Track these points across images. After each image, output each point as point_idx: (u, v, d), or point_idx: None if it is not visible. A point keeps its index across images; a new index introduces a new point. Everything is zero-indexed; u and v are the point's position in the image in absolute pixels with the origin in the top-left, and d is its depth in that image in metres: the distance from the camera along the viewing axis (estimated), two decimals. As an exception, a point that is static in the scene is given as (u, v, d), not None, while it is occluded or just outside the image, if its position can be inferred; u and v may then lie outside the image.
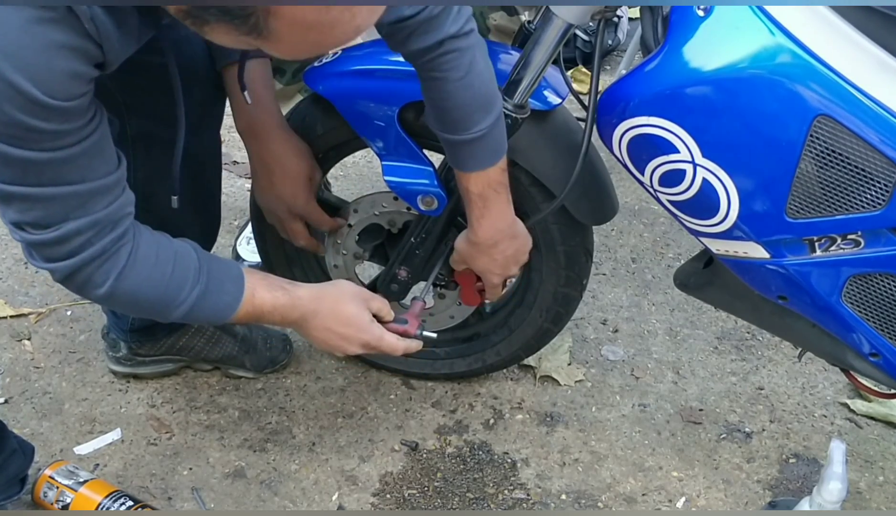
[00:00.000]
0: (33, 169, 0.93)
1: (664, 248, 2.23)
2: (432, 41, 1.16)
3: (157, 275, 1.10)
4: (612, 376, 1.83)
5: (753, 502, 1.56)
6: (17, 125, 0.87)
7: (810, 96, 1.02)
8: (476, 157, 1.28)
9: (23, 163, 0.91)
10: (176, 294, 1.12)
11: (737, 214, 1.15)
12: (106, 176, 1.00)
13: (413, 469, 1.60)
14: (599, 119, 1.22)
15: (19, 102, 0.85)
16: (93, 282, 1.05)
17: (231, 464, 1.60)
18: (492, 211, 1.34)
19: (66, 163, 0.94)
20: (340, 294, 1.30)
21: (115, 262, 1.05)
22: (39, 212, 0.97)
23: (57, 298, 1.97)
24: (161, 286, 1.11)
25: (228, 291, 1.17)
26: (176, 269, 1.12)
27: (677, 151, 1.13)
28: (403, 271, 1.51)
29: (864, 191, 1.05)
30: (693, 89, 1.08)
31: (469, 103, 1.23)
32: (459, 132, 1.25)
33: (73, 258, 1.02)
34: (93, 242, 1.01)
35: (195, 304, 1.14)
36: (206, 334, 1.69)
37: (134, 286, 1.08)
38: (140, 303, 1.12)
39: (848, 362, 1.28)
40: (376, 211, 1.57)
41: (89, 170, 0.97)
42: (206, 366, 1.74)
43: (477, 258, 1.43)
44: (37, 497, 1.45)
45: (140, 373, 1.71)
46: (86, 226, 1.00)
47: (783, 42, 1.02)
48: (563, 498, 1.56)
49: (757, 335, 1.94)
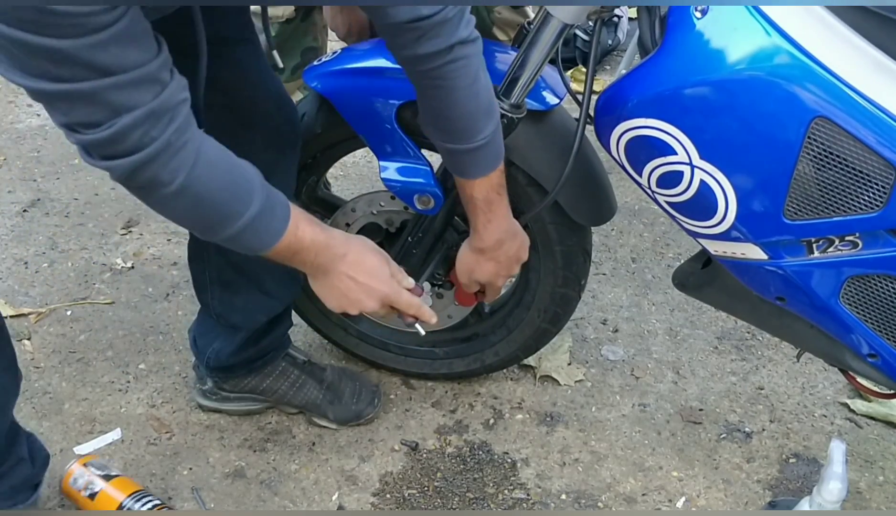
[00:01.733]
0: (64, 61, 0.84)
1: (664, 248, 2.23)
2: (443, 45, 1.11)
3: (227, 179, 1.02)
4: (612, 376, 1.83)
5: (753, 502, 1.56)
6: (29, 7, 0.79)
7: (807, 98, 1.02)
8: (480, 164, 1.26)
9: (48, 52, 0.83)
10: (239, 204, 1.03)
11: (734, 216, 1.14)
12: (147, 63, 0.90)
13: (413, 469, 1.60)
14: (597, 121, 1.22)
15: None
16: (159, 180, 0.96)
17: (231, 464, 1.60)
18: (497, 214, 1.33)
19: (97, 51, 0.85)
20: (364, 243, 1.23)
21: (183, 158, 0.96)
22: (85, 109, 0.89)
23: (57, 298, 1.98)
24: (228, 192, 1.02)
25: (279, 216, 1.08)
26: (240, 177, 1.04)
27: (675, 153, 1.13)
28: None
29: (861, 193, 1.05)
30: (690, 91, 1.08)
31: (475, 111, 1.20)
32: (464, 141, 1.22)
33: (136, 153, 0.92)
34: (154, 135, 0.92)
35: (252, 221, 1.04)
36: (290, 378, 1.65)
37: (203, 187, 0.99)
38: (204, 208, 1.02)
39: (846, 363, 1.27)
40: (374, 210, 1.57)
41: (124, 58, 0.87)
42: (291, 409, 1.69)
43: (483, 265, 1.41)
44: (65, 485, 1.46)
45: (225, 408, 1.68)
46: (141, 119, 0.91)
47: (780, 43, 1.02)
48: (563, 498, 1.56)
49: (757, 335, 1.94)
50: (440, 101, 1.19)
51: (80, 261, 2.12)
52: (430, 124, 1.25)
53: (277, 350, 1.64)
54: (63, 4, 0.79)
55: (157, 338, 1.89)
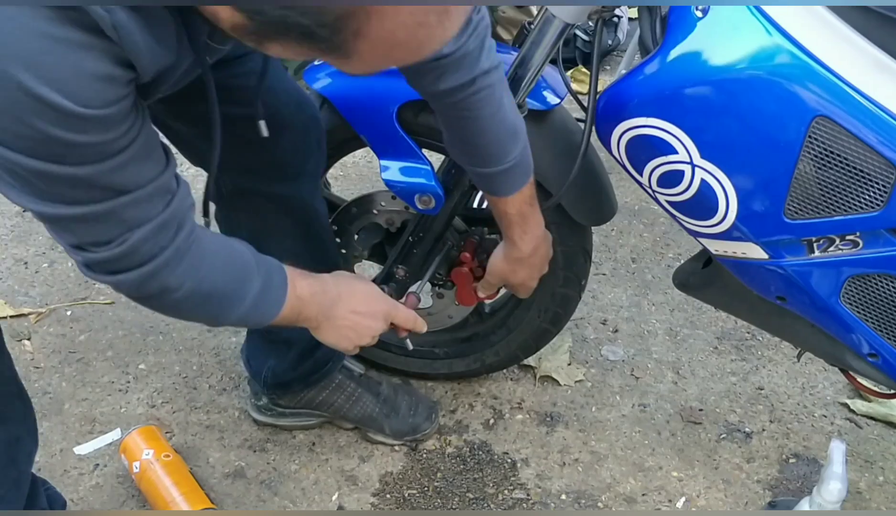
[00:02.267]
0: (82, 185, 0.82)
1: (664, 248, 2.23)
2: (466, 78, 1.12)
3: (228, 268, 1.01)
4: (612, 376, 1.83)
5: (753, 502, 1.56)
6: (54, 141, 0.76)
7: (808, 97, 1.02)
8: (511, 183, 1.27)
9: (69, 180, 0.81)
10: (242, 288, 1.03)
11: (735, 215, 1.14)
12: (159, 176, 0.89)
13: (413, 469, 1.60)
14: (598, 120, 1.22)
15: (51, 117, 0.75)
16: (168, 287, 0.95)
17: (231, 464, 1.60)
18: (531, 224, 1.35)
19: (116, 173, 0.84)
20: (347, 276, 1.24)
21: (190, 261, 0.95)
22: (99, 229, 0.87)
23: (57, 298, 1.98)
24: (232, 280, 1.02)
25: (277, 284, 1.08)
26: (238, 261, 1.03)
27: (675, 152, 1.13)
28: (401, 270, 1.51)
29: (862, 192, 1.05)
30: (691, 90, 1.08)
31: (501, 136, 1.21)
32: (492, 165, 1.23)
33: (145, 265, 0.91)
34: (163, 244, 0.92)
35: (256, 300, 1.04)
36: (347, 391, 1.63)
37: (209, 284, 0.98)
38: (212, 304, 1.02)
39: (847, 362, 1.27)
40: (375, 209, 1.57)
41: (140, 175, 0.87)
42: (346, 424, 1.67)
43: (518, 272, 1.42)
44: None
45: (281, 423, 1.67)
46: (153, 231, 0.90)
47: (781, 43, 1.02)
48: (563, 498, 1.56)
49: (757, 335, 1.94)
50: (467, 130, 1.20)
51: (79, 261, 2.12)
52: (458, 150, 1.26)
53: (334, 361, 1.60)
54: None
55: (157, 338, 1.88)
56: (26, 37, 0.71)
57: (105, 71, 0.76)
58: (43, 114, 0.74)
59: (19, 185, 0.82)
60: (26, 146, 0.77)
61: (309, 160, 1.40)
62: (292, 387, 1.60)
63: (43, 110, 0.74)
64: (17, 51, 0.71)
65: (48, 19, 0.71)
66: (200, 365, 1.82)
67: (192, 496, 1.45)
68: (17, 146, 0.77)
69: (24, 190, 0.82)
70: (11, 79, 0.72)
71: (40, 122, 0.75)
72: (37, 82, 0.72)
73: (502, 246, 1.40)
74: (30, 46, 0.71)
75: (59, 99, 0.74)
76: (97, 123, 0.78)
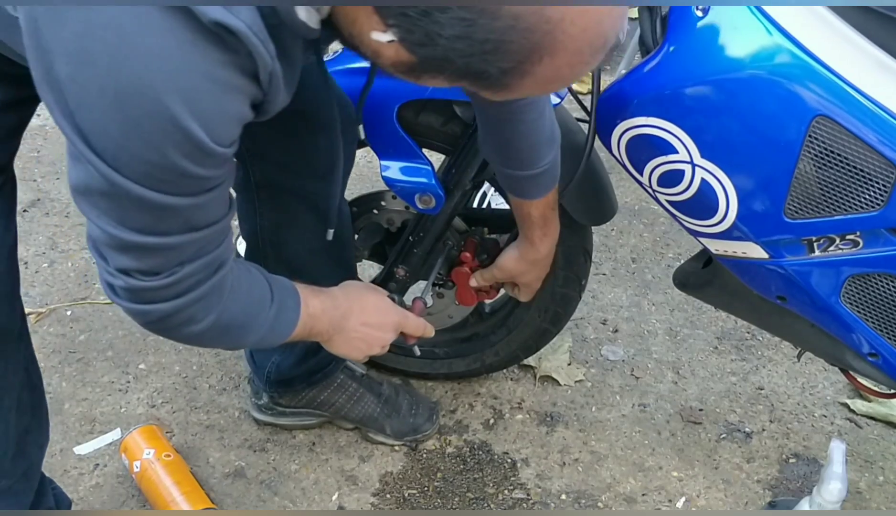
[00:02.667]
0: (169, 215, 0.83)
1: (664, 248, 2.23)
2: None
3: (247, 299, 1.02)
4: (612, 376, 1.83)
5: (753, 502, 1.56)
6: (172, 170, 0.78)
7: (809, 97, 1.02)
8: (540, 187, 1.29)
9: (160, 209, 0.82)
10: (258, 317, 1.04)
11: (735, 214, 1.14)
12: (224, 217, 0.91)
13: (413, 469, 1.60)
14: (598, 120, 1.22)
15: (186, 149, 0.76)
16: (193, 319, 0.95)
17: (231, 464, 1.60)
18: (551, 228, 1.37)
19: (200, 209, 0.86)
20: (358, 287, 1.26)
21: (220, 295, 0.96)
22: (159, 260, 0.88)
23: (57, 298, 1.98)
24: (251, 310, 1.03)
25: (290, 306, 1.09)
26: (256, 289, 1.04)
27: (676, 152, 1.13)
28: (402, 270, 1.51)
29: (862, 192, 1.05)
30: (691, 89, 1.08)
31: (541, 140, 1.24)
32: (527, 168, 1.25)
33: (179, 298, 0.92)
34: (201, 280, 0.92)
35: (272, 325, 1.06)
36: (348, 391, 1.63)
37: (228, 316, 0.99)
38: (230, 334, 1.03)
39: (847, 362, 1.27)
40: (375, 209, 1.57)
41: (214, 214, 0.89)
42: (347, 424, 1.67)
43: (529, 273, 1.44)
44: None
45: (281, 423, 1.67)
46: (199, 269, 0.91)
47: (781, 42, 1.01)
48: (563, 498, 1.56)
49: (757, 335, 1.94)
50: (509, 133, 1.22)
51: (80, 261, 2.12)
52: (494, 152, 1.28)
53: (337, 360, 1.61)
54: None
55: (157, 338, 1.87)
56: (190, 74, 0.73)
57: (244, 114, 0.80)
58: (180, 145, 0.76)
59: (106, 207, 0.82)
60: (141, 172, 0.78)
61: (341, 160, 1.41)
62: (295, 384, 1.60)
63: (182, 142, 0.75)
64: (180, 85, 0.73)
65: (215, 61, 0.73)
66: (200, 365, 1.82)
67: (192, 496, 1.45)
68: (130, 171, 0.77)
69: (111, 213, 0.82)
70: (166, 110, 0.73)
71: (173, 152, 0.76)
72: (188, 117, 0.74)
73: (517, 246, 1.41)
74: (191, 83, 0.73)
75: (201, 135, 0.75)
76: (217, 160, 0.80)
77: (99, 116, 0.74)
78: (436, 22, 0.67)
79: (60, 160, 2.51)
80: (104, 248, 0.87)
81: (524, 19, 0.67)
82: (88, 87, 0.72)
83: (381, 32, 0.72)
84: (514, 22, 0.67)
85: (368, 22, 0.73)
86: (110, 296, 0.93)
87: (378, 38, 0.73)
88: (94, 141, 0.76)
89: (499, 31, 0.67)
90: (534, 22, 0.67)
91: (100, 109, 0.73)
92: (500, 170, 1.30)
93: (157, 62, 0.71)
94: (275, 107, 0.83)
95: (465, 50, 0.68)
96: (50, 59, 0.72)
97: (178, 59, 0.72)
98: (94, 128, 0.75)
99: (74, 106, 0.74)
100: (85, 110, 0.74)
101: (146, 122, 0.73)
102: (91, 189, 0.80)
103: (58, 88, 0.73)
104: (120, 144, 0.75)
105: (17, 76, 0.96)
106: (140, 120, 0.73)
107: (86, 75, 0.71)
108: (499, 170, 1.30)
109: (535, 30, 0.68)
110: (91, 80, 0.71)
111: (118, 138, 0.75)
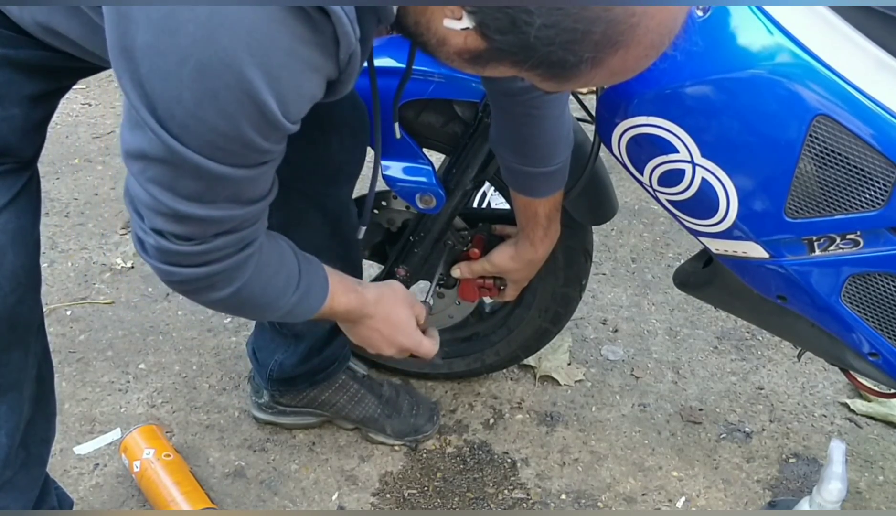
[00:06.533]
0: (220, 186, 0.84)
1: (664, 248, 2.23)
2: None
3: (273, 282, 1.04)
4: (612, 376, 1.83)
5: (753, 502, 1.56)
6: (237, 140, 0.79)
7: (809, 96, 1.02)
8: (552, 185, 1.30)
9: (215, 179, 0.82)
10: (278, 299, 1.06)
11: (736, 214, 1.14)
12: (267, 196, 0.93)
13: (413, 469, 1.60)
14: (599, 119, 1.22)
15: (257, 121, 0.77)
16: (215, 287, 0.97)
17: (231, 464, 1.60)
18: (553, 228, 1.37)
19: (251, 182, 0.87)
20: (395, 298, 1.26)
21: (244, 271, 0.97)
22: (195, 228, 0.89)
23: (57, 298, 1.98)
24: (272, 293, 1.04)
25: (316, 296, 1.11)
26: (282, 274, 1.05)
27: (676, 151, 1.13)
28: (402, 270, 1.51)
29: (863, 191, 1.05)
30: (692, 89, 1.08)
31: (558, 138, 1.24)
32: (543, 165, 1.26)
33: (206, 266, 0.93)
34: (229, 253, 0.94)
35: (291, 310, 1.07)
36: (350, 391, 1.63)
37: (248, 292, 1.00)
38: (245, 308, 1.05)
39: (847, 362, 1.27)
40: (375, 209, 1.57)
41: (260, 189, 0.90)
42: (347, 424, 1.67)
43: (521, 272, 1.44)
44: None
45: (281, 422, 1.67)
46: (231, 243, 0.92)
47: (782, 42, 1.02)
48: (563, 497, 1.56)
49: (757, 335, 1.94)
50: (529, 128, 1.22)
51: (80, 261, 2.12)
52: (509, 148, 1.27)
53: (340, 361, 1.61)
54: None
55: (157, 338, 1.88)
56: (276, 50, 0.73)
57: (317, 93, 0.80)
58: (252, 117, 0.76)
59: (158, 173, 0.82)
60: (205, 140, 0.78)
61: (352, 161, 1.42)
62: (297, 384, 1.60)
63: (254, 114, 0.76)
64: (264, 60, 0.73)
65: (300, 39, 0.74)
66: (200, 365, 1.82)
67: (192, 495, 1.45)
68: (193, 140, 0.78)
69: (161, 179, 0.83)
70: (247, 83, 0.73)
71: (244, 123, 0.77)
72: (267, 91, 0.74)
73: (513, 243, 1.41)
74: (273, 59, 0.73)
75: (275, 109, 0.76)
76: (282, 134, 0.81)
77: (174, 85, 0.74)
78: (524, 10, 0.68)
79: (60, 160, 2.51)
80: (143, 208, 0.87)
81: (612, 10, 0.68)
82: (168, 55, 0.72)
83: (455, 20, 0.73)
84: (604, 12, 0.68)
85: (442, 8, 0.74)
86: (139, 250, 0.94)
87: (451, 26, 0.74)
88: (161, 109, 0.76)
89: (586, 20, 0.68)
90: (621, 14, 0.68)
91: (176, 78, 0.73)
92: (512, 168, 1.29)
93: (246, 37, 0.71)
94: (345, 89, 0.84)
95: (550, 38, 0.69)
96: (130, 27, 0.73)
97: (265, 34, 0.72)
98: (164, 96, 0.75)
99: (146, 73, 0.74)
100: (158, 78, 0.74)
101: (224, 92, 0.74)
102: (147, 155, 0.81)
103: (131, 56, 0.74)
104: (191, 113, 0.76)
105: (50, 69, 0.96)
106: (218, 91, 0.74)
107: (167, 44, 0.72)
108: (511, 167, 1.29)
109: (621, 21, 0.68)
110: (172, 49, 0.72)
111: (191, 107, 0.75)
